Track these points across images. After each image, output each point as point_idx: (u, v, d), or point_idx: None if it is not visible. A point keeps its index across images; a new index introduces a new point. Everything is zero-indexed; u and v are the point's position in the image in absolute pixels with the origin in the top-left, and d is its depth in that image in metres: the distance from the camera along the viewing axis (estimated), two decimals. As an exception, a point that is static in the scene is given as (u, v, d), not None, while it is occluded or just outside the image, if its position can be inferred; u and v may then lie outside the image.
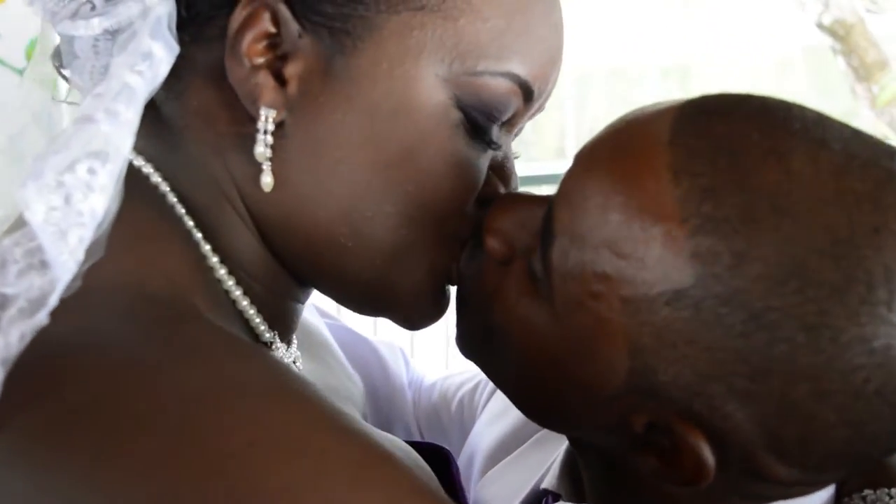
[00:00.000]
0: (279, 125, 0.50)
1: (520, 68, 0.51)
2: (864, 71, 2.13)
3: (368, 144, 0.50)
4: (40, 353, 0.41)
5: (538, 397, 0.52)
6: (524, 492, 0.59)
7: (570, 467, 0.57)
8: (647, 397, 0.44)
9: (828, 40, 1.90)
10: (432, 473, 0.62)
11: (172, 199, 0.52)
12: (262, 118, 0.49)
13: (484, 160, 0.53)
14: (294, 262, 0.54)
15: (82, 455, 0.38)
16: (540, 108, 0.56)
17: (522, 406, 0.53)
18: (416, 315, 0.56)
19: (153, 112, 0.52)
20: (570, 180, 0.48)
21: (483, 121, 0.51)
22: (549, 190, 0.52)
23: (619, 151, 0.46)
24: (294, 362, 0.58)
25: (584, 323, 0.45)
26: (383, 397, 0.77)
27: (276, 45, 0.49)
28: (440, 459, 0.66)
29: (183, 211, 0.52)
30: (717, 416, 0.43)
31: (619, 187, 0.45)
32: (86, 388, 0.40)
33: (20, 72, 0.50)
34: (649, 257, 0.43)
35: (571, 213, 0.46)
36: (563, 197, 0.47)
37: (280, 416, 0.39)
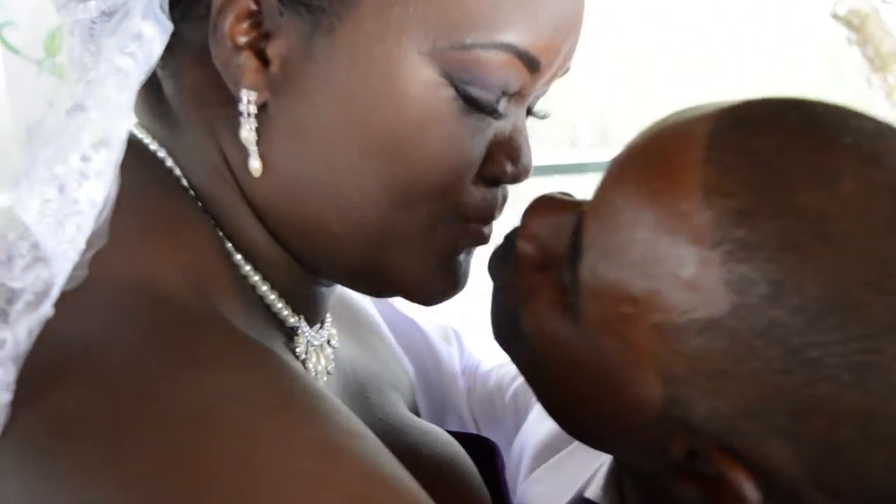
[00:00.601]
0: (263, 107, 0.49)
1: (519, 38, 0.48)
2: (879, 61, 2.11)
3: (350, 128, 0.49)
4: (44, 353, 0.41)
5: (569, 412, 0.50)
6: (568, 496, 0.58)
7: (615, 478, 0.55)
8: (684, 427, 0.42)
9: (842, 30, 1.88)
10: (472, 468, 0.62)
11: (185, 182, 0.52)
12: (244, 100, 0.48)
13: (483, 135, 0.51)
14: (293, 249, 0.53)
15: (74, 467, 0.38)
16: (555, 76, 0.53)
17: (554, 417, 0.51)
18: (426, 294, 0.55)
19: (158, 92, 0.52)
20: (601, 192, 0.45)
21: (481, 95, 0.49)
22: (560, 181, 0.51)
23: (651, 165, 0.43)
24: (328, 342, 0.57)
25: (613, 346, 0.43)
26: (435, 385, 0.76)
27: (259, 24, 0.48)
28: (487, 451, 0.65)
29: (193, 194, 0.52)
30: (759, 452, 0.40)
31: (649, 205, 0.42)
32: (83, 396, 0.40)
33: (38, 63, 0.51)
34: (680, 282, 0.40)
35: (601, 227, 0.44)
36: (594, 208, 0.45)
37: (278, 438, 0.38)
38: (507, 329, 0.52)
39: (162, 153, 0.54)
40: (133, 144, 0.54)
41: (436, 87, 0.49)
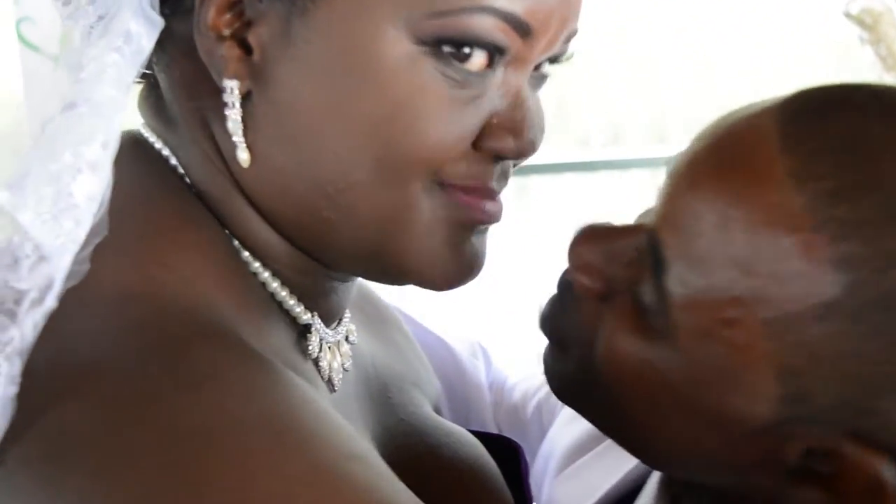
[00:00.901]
0: (249, 97, 0.48)
1: (506, 2, 0.46)
2: (891, 60, 2.10)
3: (329, 110, 0.47)
4: (51, 365, 0.41)
5: (658, 443, 0.48)
6: (599, 492, 0.57)
7: (668, 492, 0.53)
8: (805, 423, 0.41)
9: (855, 29, 1.87)
10: (495, 470, 0.61)
11: (188, 180, 0.52)
12: (228, 90, 0.48)
13: (476, 108, 0.49)
14: (296, 241, 0.53)
15: (76, 480, 0.38)
16: (556, 40, 0.50)
17: (638, 453, 0.49)
18: (437, 278, 0.53)
19: (158, 90, 0.52)
20: (673, 201, 0.44)
21: (466, 64, 0.47)
22: (572, 178, 0.50)
23: (726, 165, 0.43)
24: (346, 338, 0.56)
25: (717, 354, 0.42)
26: (460, 397, 0.75)
27: (242, 14, 0.48)
28: (510, 452, 0.64)
29: (196, 192, 0.52)
30: (890, 431, 0.40)
31: (735, 203, 0.41)
32: (87, 412, 0.40)
33: (55, 59, 0.51)
34: (788, 272, 0.40)
35: (684, 237, 0.43)
36: (669, 220, 0.44)
37: (273, 465, 0.38)
38: (577, 379, 0.50)
39: (166, 151, 0.53)
40: (139, 144, 0.54)
41: (415, 59, 0.47)
